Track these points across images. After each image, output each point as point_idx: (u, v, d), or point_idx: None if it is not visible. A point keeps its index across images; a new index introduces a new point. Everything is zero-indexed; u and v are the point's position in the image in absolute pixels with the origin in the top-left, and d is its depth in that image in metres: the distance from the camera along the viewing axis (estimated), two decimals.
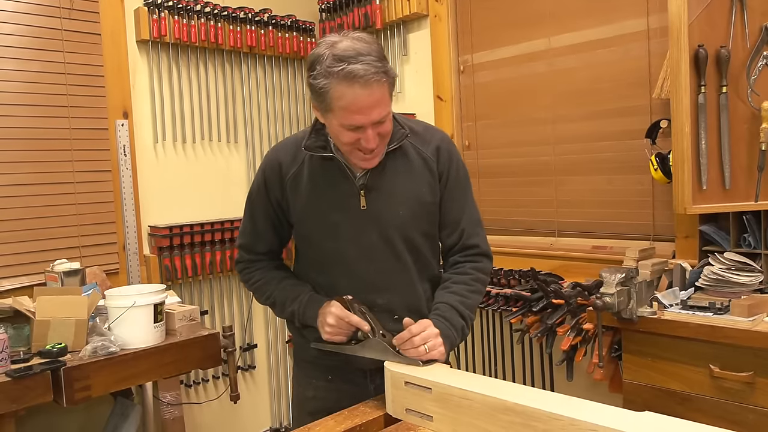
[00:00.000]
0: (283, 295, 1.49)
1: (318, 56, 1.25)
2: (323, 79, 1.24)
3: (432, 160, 1.43)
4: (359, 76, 1.21)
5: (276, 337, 3.29)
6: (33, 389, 1.77)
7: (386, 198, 1.40)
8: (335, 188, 1.40)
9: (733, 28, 1.85)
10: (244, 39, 3.04)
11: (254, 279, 1.54)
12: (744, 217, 1.92)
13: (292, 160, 1.44)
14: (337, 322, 1.36)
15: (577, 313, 2.17)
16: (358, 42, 1.25)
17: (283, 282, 1.51)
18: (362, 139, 1.28)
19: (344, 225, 1.40)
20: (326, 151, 1.40)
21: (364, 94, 1.23)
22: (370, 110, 1.25)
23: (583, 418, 0.95)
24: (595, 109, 2.46)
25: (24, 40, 2.41)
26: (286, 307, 1.48)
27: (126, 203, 2.69)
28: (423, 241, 1.46)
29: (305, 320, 1.45)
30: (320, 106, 1.29)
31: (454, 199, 1.46)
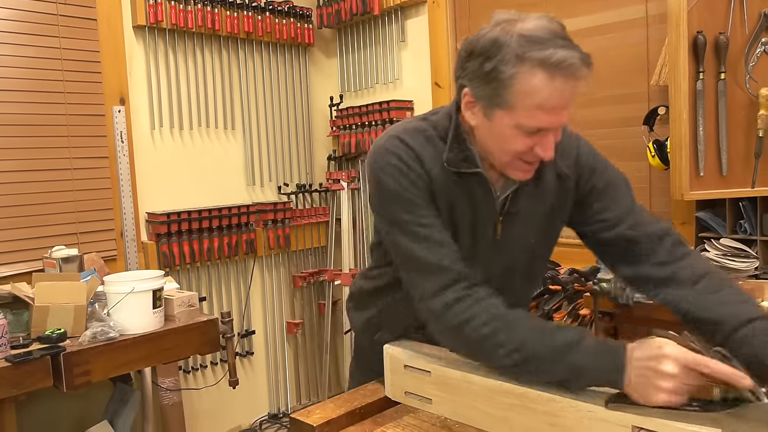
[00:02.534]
0: (541, 344, 0.98)
1: (495, 40, 0.99)
2: (511, 67, 0.97)
3: (570, 178, 1.18)
4: (566, 65, 0.95)
5: (274, 324, 3.30)
6: (33, 374, 1.78)
7: (519, 226, 1.17)
8: (473, 210, 1.14)
9: (732, 14, 1.85)
10: (241, 25, 3.02)
11: (481, 320, 1.02)
12: (740, 203, 1.93)
13: (432, 159, 1.12)
14: (681, 372, 0.88)
15: (574, 299, 2.18)
16: (548, 21, 0.98)
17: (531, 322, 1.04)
18: (538, 146, 1.03)
19: (474, 252, 1.15)
20: (471, 164, 1.11)
21: (563, 89, 0.98)
22: (562, 110, 1.01)
23: (582, 400, 0.96)
24: (593, 95, 2.46)
25: (19, 26, 2.39)
26: (549, 362, 0.97)
27: (123, 190, 2.68)
28: (542, 265, 1.32)
29: (590, 376, 0.95)
30: (490, 101, 1.02)
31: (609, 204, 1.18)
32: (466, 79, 1.06)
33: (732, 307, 1.03)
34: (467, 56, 1.05)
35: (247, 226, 3.05)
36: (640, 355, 0.92)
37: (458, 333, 1.05)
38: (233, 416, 3.17)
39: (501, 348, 1.01)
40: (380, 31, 3.15)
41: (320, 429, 1.15)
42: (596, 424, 0.93)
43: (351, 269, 3.26)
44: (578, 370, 0.95)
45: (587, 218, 1.21)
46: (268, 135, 3.25)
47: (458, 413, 1.13)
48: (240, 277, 3.15)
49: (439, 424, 1.13)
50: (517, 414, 1.04)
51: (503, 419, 1.06)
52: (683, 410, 0.86)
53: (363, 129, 3.14)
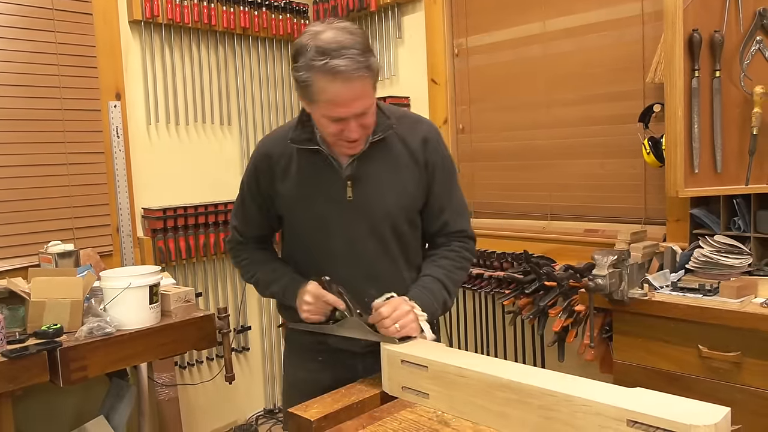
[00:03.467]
0: (266, 276, 1.54)
1: (301, 47, 1.26)
2: (306, 72, 1.25)
3: (419, 151, 1.44)
4: (341, 72, 1.22)
5: (270, 320, 3.31)
6: (29, 369, 1.78)
7: (372, 188, 1.42)
8: (322, 180, 1.42)
9: (727, 12, 1.86)
10: (237, 20, 3.02)
11: (241, 257, 1.60)
12: (734, 200, 1.95)
13: (281, 152, 1.45)
14: (314, 300, 1.40)
15: (569, 295, 2.20)
16: (342, 33, 1.25)
17: (268, 264, 1.56)
18: (345, 130, 1.30)
19: (331, 216, 1.43)
20: (312, 143, 1.41)
21: (345, 89, 1.24)
22: (351, 103, 1.26)
23: (577, 394, 0.97)
24: (589, 93, 2.47)
25: (14, 20, 2.38)
26: (268, 287, 1.54)
27: (119, 185, 2.68)
28: (409, 230, 1.48)
29: (285, 300, 1.49)
30: (304, 97, 1.31)
31: (440, 190, 1.48)
32: (293, 79, 1.32)
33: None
34: (291, 59, 1.32)
35: None
36: (299, 290, 1.43)
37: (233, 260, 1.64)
38: (229, 411, 3.17)
39: (246, 274, 1.59)
40: (377, 27, 3.15)
41: (318, 423, 1.16)
42: (591, 417, 0.94)
43: None
44: (277, 294, 1.52)
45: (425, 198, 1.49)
46: (265, 130, 3.24)
47: (455, 408, 1.14)
48: (236, 272, 3.15)
49: (436, 418, 1.14)
50: (514, 408, 1.05)
51: (500, 414, 1.07)
52: (319, 324, 1.41)
53: None
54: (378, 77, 1.32)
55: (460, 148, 2.94)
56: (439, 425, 1.12)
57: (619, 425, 0.91)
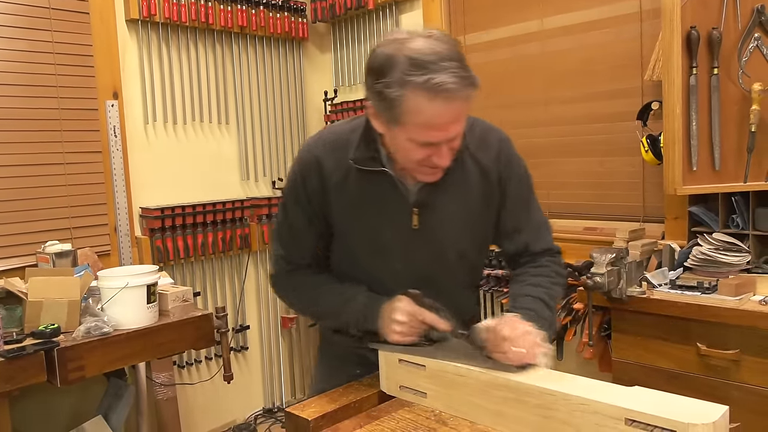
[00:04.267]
0: (332, 299, 1.30)
1: (388, 58, 1.06)
2: (398, 89, 1.05)
3: (492, 169, 1.27)
4: (444, 89, 1.02)
5: (268, 319, 3.30)
6: (27, 369, 1.77)
7: (440, 216, 1.26)
8: (385, 205, 1.25)
9: (725, 9, 1.85)
10: (234, 19, 3.01)
11: (292, 285, 1.35)
12: (733, 198, 1.95)
13: (336, 165, 1.25)
14: (408, 319, 1.18)
15: (568, 294, 2.19)
16: (436, 42, 1.05)
17: (330, 285, 1.33)
18: (434, 156, 1.12)
19: (394, 243, 1.27)
20: (377, 163, 1.22)
21: (446, 110, 1.05)
22: (449, 126, 1.08)
23: (574, 392, 0.97)
24: (587, 91, 2.46)
25: (10, 19, 2.37)
26: (335, 312, 1.31)
27: (117, 185, 2.67)
28: (475, 254, 1.36)
29: (365, 324, 1.25)
30: (385, 116, 1.11)
31: (516, 206, 1.32)
32: (368, 92, 1.15)
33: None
34: (367, 72, 1.14)
35: (241, 221, 3.05)
36: (385, 307, 1.22)
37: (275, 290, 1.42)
38: (228, 411, 3.17)
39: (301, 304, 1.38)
40: (374, 25, 3.14)
41: (315, 423, 1.16)
42: (588, 416, 0.94)
43: None
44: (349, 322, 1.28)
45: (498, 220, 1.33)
46: (262, 130, 3.24)
47: (453, 407, 1.14)
48: (234, 272, 3.15)
49: (434, 418, 1.14)
50: (511, 407, 1.04)
51: (497, 412, 1.06)
52: (412, 346, 1.19)
53: None
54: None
55: None
56: (436, 424, 1.11)
57: (617, 424, 0.91)
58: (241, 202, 3.04)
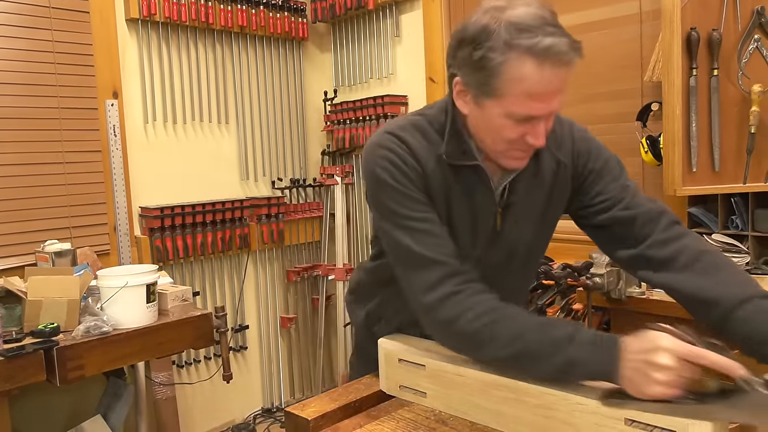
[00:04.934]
0: (539, 338, 0.96)
1: (485, 27, 0.98)
2: (500, 54, 0.96)
3: (565, 164, 1.18)
4: (554, 52, 0.95)
5: (267, 319, 3.30)
6: (26, 369, 1.77)
7: (520, 218, 1.17)
8: (472, 203, 1.13)
9: (725, 11, 1.86)
10: (234, 18, 3.01)
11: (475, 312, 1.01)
12: (732, 199, 1.95)
13: (427, 153, 1.11)
14: (678, 365, 0.85)
15: (567, 294, 2.20)
16: (538, 8, 0.98)
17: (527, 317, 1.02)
18: (530, 134, 1.02)
19: (473, 246, 1.16)
20: (469, 157, 1.10)
21: (553, 76, 0.97)
22: (552, 97, 1.00)
23: (574, 392, 0.97)
24: (587, 92, 2.47)
25: (10, 18, 2.37)
26: (543, 358, 0.95)
27: (116, 184, 2.67)
28: (541, 254, 1.31)
29: (587, 369, 0.93)
30: (481, 89, 1.02)
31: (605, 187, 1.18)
32: (457, 68, 1.05)
33: (731, 287, 1.00)
34: (457, 44, 1.04)
35: (240, 220, 3.05)
36: (635, 348, 0.89)
37: (452, 326, 1.03)
38: (227, 411, 3.17)
39: (496, 340, 0.99)
40: (374, 25, 3.14)
41: (315, 422, 1.16)
42: (588, 416, 0.94)
43: (345, 264, 3.27)
44: (573, 363, 0.93)
45: (584, 202, 1.20)
46: (262, 129, 3.24)
47: (452, 407, 1.14)
48: (234, 271, 3.15)
49: (434, 417, 1.14)
50: (511, 407, 1.04)
51: (497, 412, 1.06)
52: (680, 403, 0.85)
53: (357, 124, 3.14)
54: None
55: None
56: (436, 424, 1.11)
57: (616, 424, 0.91)
58: (241, 201, 3.04)
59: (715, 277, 1.03)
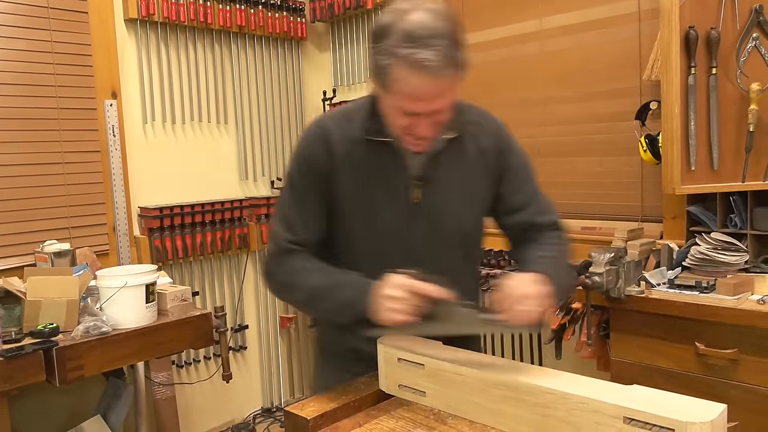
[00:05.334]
0: (321, 285, 1.23)
1: (385, 27, 1.11)
2: (387, 57, 1.10)
3: (490, 152, 1.31)
4: (426, 66, 1.06)
5: (267, 319, 3.30)
6: (25, 369, 1.77)
7: (442, 192, 1.28)
8: (386, 178, 1.26)
9: (724, 9, 1.86)
10: (233, 18, 3.01)
11: (282, 270, 1.28)
12: (731, 197, 1.95)
13: (343, 137, 1.26)
14: (404, 294, 1.09)
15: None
16: (433, 18, 1.09)
17: (320, 271, 1.26)
18: (415, 126, 1.17)
19: (391, 220, 1.27)
20: (384, 135, 1.24)
21: (428, 85, 1.09)
22: (431, 100, 1.12)
23: (573, 391, 0.97)
24: (586, 90, 2.47)
25: (9, 18, 2.37)
26: (323, 298, 1.23)
27: (115, 184, 2.67)
28: (476, 235, 1.37)
29: (354, 308, 1.17)
30: (379, 81, 1.17)
31: (517, 186, 1.34)
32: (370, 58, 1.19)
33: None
34: (371, 35, 1.18)
35: (240, 220, 3.05)
36: (377, 287, 1.14)
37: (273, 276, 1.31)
38: (226, 410, 3.17)
39: (297, 288, 1.27)
40: (373, 25, 3.14)
41: (314, 422, 1.16)
42: (587, 415, 0.94)
43: None
44: (344, 304, 1.19)
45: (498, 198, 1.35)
46: (261, 129, 3.24)
47: (452, 406, 1.14)
48: (233, 271, 3.15)
49: (433, 416, 1.14)
50: (510, 406, 1.04)
51: (496, 411, 1.07)
52: (412, 325, 1.09)
53: None
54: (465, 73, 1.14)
55: None
56: (435, 423, 1.11)
57: (615, 422, 0.91)
58: (240, 201, 3.04)
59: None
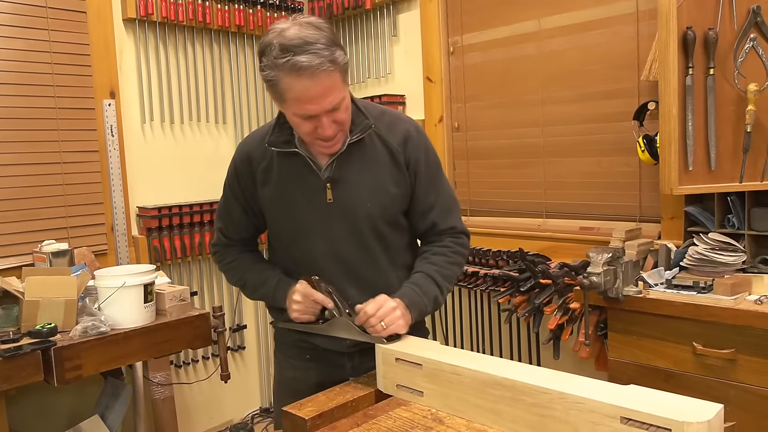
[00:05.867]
0: (254, 278, 1.51)
1: (266, 46, 1.23)
2: (271, 71, 1.22)
3: (398, 151, 1.41)
4: (304, 68, 1.19)
5: (265, 318, 3.30)
6: (23, 369, 1.77)
7: (352, 190, 1.39)
8: (302, 183, 1.40)
9: (721, 10, 1.86)
10: (232, 18, 3.01)
11: (227, 260, 1.56)
12: (728, 198, 1.95)
13: (262, 153, 1.42)
14: (303, 300, 1.38)
15: (564, 293, 2.20)
16: (307, 29, 1.22)
17: (255, 266, 1.53)
18: (318, 127, 1.27)
19: (312, 219, 1.40)
20: (290, 146, 1.38)
21: (312, 84, 1.21)
22: (320, 99, 1.23)
23: (570, 391, 0.97)
24: (584, 91, 2.47)
25: (7, 18, 2.37)
26: (257, 290, 1.51)
27: (114, 184, 2.67)
28: (390, 231, 1.44)
29: (275, 302, 1.46)
30: (273, 97, 1.28)
31: (425, 188, 1.44)
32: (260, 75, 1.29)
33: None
34: (257, 56, 1.29)
35: None
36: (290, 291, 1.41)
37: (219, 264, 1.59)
38: (225, 410, 3.17)
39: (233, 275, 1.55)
40: (372, 25, 3.14)
41: (312, 422, 1.16)
42: (584, 414, 0.95)
43: None
44: (268, 296, 1.48)
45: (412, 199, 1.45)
46: None
47: (449, 405, 1.14)
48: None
49: (431, 416, 1.14)
50: (507, 406, 1.05)
51: (493, 411, 1.07)
52: (309, 323, 1.40)
53: None
54: (347, 71, 1.29)
55: (455, 146, 2.94)
56: (433, 423, 1.12)
57: (612, 422, 0.91)
58: None
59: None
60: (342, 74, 1.26)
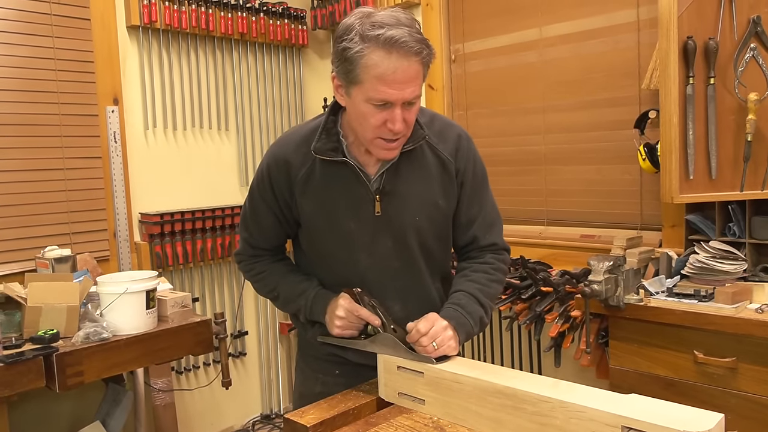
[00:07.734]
0: (289, 290, 1.41)
1: (350, 25, 1.16)
2: (358, 44, 1.13)
3: (450, 162, 1.35)
4: (400, 43, 1.11)
5: (267, 325, 3.31)
6: (25, 375, 1.78)
7: (401, 203, 1.32)
8: (347, 193, 1.31)
9: (722, 20, 1.87)
10: (235, 26, 3.02)
11: (255, 270, 1.46)
12: (729, 206, 1.96)
13: (302, 159, 1.31)
14: (347, 315, 1.30)
15: (565, 301, 2.20)
16: (397, 12, 1.17)
17: (288, 276, 1.44)
18: (389, 120, 1.18)
19: (358, 232, 1.33)
20: (338, 154, 1.29)
21: (402, 64, 1.13)
22: (404, 85, 1.15)
23: (571, 400, 0.97)
24: (585, 99, 2.48)
25: (12, 25, 2.39)
26: (291, 302, 1.42)
27: (116, 190, 2.68)
28: (437, 244, 1.40)
29: (313, 316, 1.38)
30: (347, 79, 1.18)
31: (468, 199, 1.39)
32: (332, 63, 1.22)
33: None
34: (333, 42, 1.21)
35: None
36: (331, 304, 1.34)
37: (246, 275, 1.50)
38: (226, 417, 3.17)
39: (265, 287, 1.46)
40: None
41: (314, 429, 1.16)
42: (585, 423, 0.95)
43: None
44: (303, 309, 1.39)
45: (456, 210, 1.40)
46: (262, 136, 3.25)
47: (450, 414, 1.15)
48: (233, 277, 3.15)
49: (432, 424, 1.15)
50: (508, 414, 1.05)
51: (494, 419, 1.07)
52: (351, 339, 1.34)
53: None
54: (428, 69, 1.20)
55: None
56: (434, 431, 1.12)
57: (613, 431, 0.92)
58: (241, 208, 3.04)
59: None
60: (427, 68, 1.19)
